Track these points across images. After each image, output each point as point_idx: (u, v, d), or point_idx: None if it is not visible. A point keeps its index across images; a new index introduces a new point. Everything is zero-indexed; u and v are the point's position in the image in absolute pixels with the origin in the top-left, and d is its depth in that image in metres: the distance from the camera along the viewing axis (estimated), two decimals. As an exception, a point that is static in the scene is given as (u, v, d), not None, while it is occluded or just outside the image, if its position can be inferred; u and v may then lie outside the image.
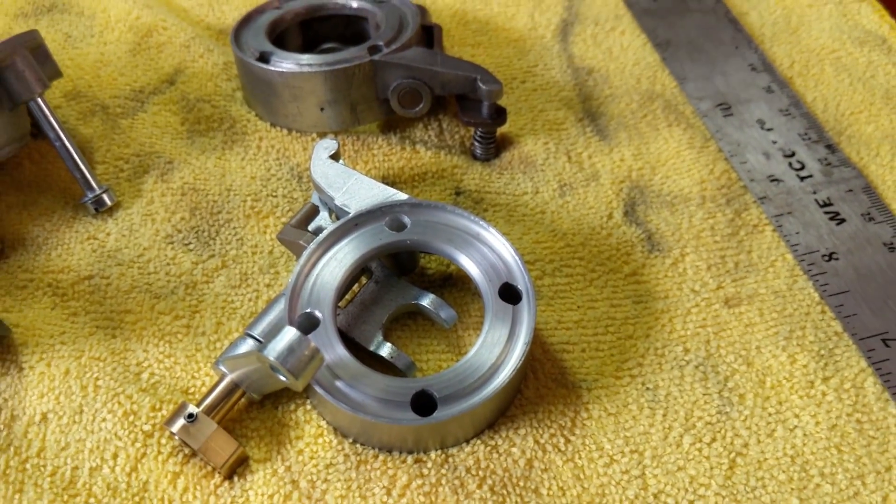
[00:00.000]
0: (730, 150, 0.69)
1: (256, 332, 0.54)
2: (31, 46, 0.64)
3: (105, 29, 0.80)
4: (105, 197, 0.65)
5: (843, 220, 0.64)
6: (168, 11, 0.81)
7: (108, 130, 0.71)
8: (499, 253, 0.55)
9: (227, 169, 0.68)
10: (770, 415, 0.54)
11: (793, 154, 0.69)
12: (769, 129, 0.71)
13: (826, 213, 0.64)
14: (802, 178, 0.67)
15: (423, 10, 0.74)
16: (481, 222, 0.56)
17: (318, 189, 0.60)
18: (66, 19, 0.81)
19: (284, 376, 0.46)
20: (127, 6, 0.80)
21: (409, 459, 0.52)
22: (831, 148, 0.69)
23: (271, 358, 0.44)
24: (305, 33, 0.77)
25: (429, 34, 0.73)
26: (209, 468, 0.52)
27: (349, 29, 0.77)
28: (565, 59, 0.78)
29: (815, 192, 0.66)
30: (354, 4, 0.75)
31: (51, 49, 0.72)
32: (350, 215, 0.57)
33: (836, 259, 0.61)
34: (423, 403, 0.50)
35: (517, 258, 0.54)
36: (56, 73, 0.68)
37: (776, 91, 0.74)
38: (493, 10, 0.83)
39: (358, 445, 0.53)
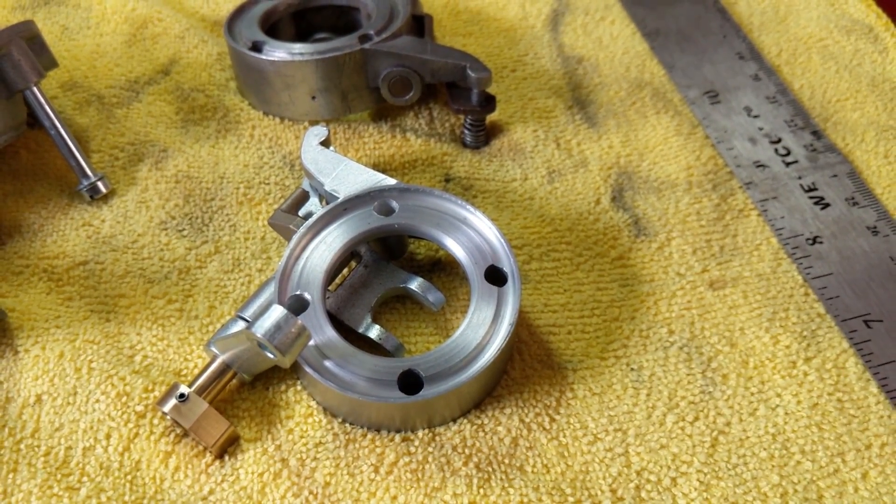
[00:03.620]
0: (717, 136, 0.70)
1: (247, 314, 0.55)
2: (27, 36, 0.65)
3: (101, 20, 0.81)
4: (100, 184, 0.66)
5: (827, 205, 0.65)
6: (163, 3, 0.82)
7: (103, 120, 0.72)
8: (485, 236, 0.56)
9: (221, 157, 0.69)
10: (753, 394, 0.54)
11: (779, 140, 0.69)
12: (756, 116, 0.71)
13: (811, 197, 0.65)
14: (788, 164, 0.68)
15: (413, 0, 0.75)
16: (468, 206, 0.57)
17: (309, 175, 0.61)
18: (62, 11, 0.82)
19: (272, 353, 0.47)
20: (123, -2, 0.81)
21: (397, 438, 0.53)
22: (817, 134, 0.70)
23: (259, 335, 0.45)
24: (298, 24, 0.78)
25: (420, 24, 0.74)
26: (200, 447, 0.53)
27: (341, 19, 0.78)
28: (555, 48, 0.79)
29: (800, 178, 0.67)
30: (346, -6, 0.76)
31: (47, 40, 0.73)
32: (339, 200, 0.58)
33: (821, 243, 0.62)
34: (410, 382, 0.51)
35: (503, 241, 0.55)
36: (52, 63, 0.69)
37: (763, 79, 0.75)
38: (483, 0, 0.84)
39: (347, 425, 0.54)
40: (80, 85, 0.75)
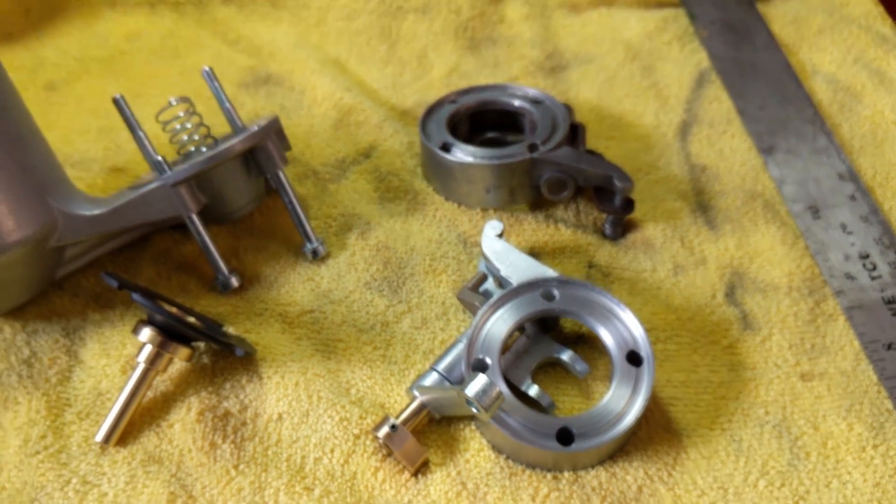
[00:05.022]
0: (815, 248, 0.85)
1: (440, 367, 0.72)
2: (276, 130, 0.84)
3: (313, 104, 1.00)
4: (320, 248, 0.84)
5: (904, 318, 0.79)
6: (362, 93, 1.01)
7: (319, 192, 0.91)
8: (628, 326, 0.73)
9: (410, 232, 0.87)
10: (829, 470, 0.69)
11: (867, 256, 0.84)
12: (850, 233, 0.86)
13: (890, 309, 0.79)
14: (873, 278, 0.82)
15: (570, 110, 0.92)
16: (616, 300, 0.74)
17: (487, 260, 0.78)
18: (279, 91, 1.02)
19: (477, 409, 0.64)
20: (331, 87, 1.00)
21: (548, 476, 0.69)
22: (901, 254, 0.84)
23: (470, 395, 0.62)
24: (472, 122, 0.95)
25: (574, 131, 0.91)
26: (400, 466, 0.70)
27: (507, 119, 0.95)
28: (683, 157, 0.95)
29: (882, 291, 0.81)
30: (516, 103, 0.93)
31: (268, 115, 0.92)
32: (513, 286, 0.75)
33: (895, 349, 0.77)
34: (564, 436, 0.68)
35: (643, 332, 0.72)
36: (287, 147, 0.87)
37: (858, 199, 0.89)
38: (624, 108, 1.00)
39: (510, 461, 0.70)
40: (299, 160, 0.94)
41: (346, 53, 1.08)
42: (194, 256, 0.85)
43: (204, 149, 0.83)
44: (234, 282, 0.82)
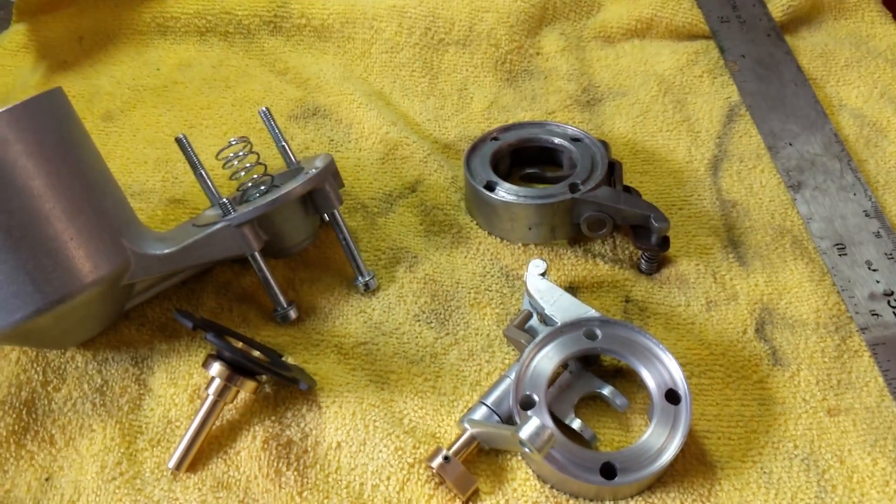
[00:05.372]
0: (841, 285, 0.89)
1: (489, 401, 0.77)
2: (332, 171, 0.89)
3: (360, 137, 1.04)
4: (371, 281, 0.89)
5: (926, 355, 0.83)
6: (407, 126, 1.05)
7: (368, 225, 0.96)
8: (667, 366, 0.77)
9: (455, 265, 0.92)
10: (854, 503, 0.74)
11: (891, 293, 0.88)
12: (875, 270, 0.90)
13: (913, 347, 0.84)
14: (897, 316, 0.86)
15: (607, 147, 0.96)
16: (654, 340, 0.78)
17: (532, 298, 0.83)
18: (328, 124, 1.07)
19: (530, 450, 0.69)
20: (378, 122, 1.05)
21: (591, 505, 0.75)
22: (924, 292, 0.88)
23: (524, 438, 0.67)
24: (513, 157, 1.00)
25: (611, 168, 0.95)
26: (452, 494, 0.75)
27: (547, 155, 1.00)
28: (715, 192, 0.99)
29: (905, 328, 0.85)
30: (556, 141, 0.97)
31: (318, 149, 0.97)
32: (557, 325, 0.80)
33: (917, 386, 0.81)
34: (608, 470, 0.73)
35: (680, 372, 0.76)
36: (340, 185, 0.92)
37: (883, 236, 0.93)
38: (658, 143, 1.05)
39: (554, 490, 0.75)
40: (349, 193, 0.98)
41: (390, 86, 1.13)
42: (253, 288, 0.90)
43: (262, 186, 0.89)
44: (293, 314, 0.87)
